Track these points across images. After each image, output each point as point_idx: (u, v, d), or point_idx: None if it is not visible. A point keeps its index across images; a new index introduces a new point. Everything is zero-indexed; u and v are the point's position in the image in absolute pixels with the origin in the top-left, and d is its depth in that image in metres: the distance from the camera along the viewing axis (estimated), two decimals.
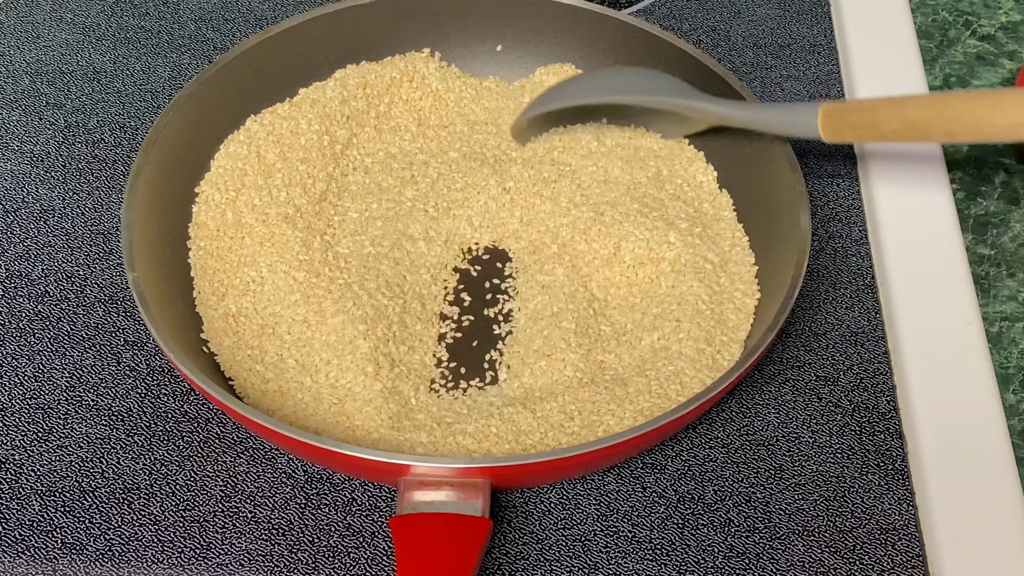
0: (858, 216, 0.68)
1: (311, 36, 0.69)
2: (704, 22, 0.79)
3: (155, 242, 0.59)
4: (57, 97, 0.72)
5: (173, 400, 0.59)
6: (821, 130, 0.61)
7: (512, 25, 0.72)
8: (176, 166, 0.63)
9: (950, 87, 0.77)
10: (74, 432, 0.57)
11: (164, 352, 0.53)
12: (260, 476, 0.56)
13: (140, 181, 0.59)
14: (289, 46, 0.68)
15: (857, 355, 0.62)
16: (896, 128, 0.60)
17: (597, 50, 0.72)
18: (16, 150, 0.69)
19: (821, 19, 0.80)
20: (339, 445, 0.49)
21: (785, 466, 0.57)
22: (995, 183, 0.72)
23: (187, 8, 0.79)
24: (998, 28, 0.81)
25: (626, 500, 0.56)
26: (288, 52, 0.68)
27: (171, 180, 0.62)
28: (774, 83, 0.76)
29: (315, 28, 0.69)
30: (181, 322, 0.58)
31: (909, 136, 0.60)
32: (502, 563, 0.54)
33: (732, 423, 0.59)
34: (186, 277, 0.61)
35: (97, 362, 0.60)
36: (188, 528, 0.54)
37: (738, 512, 0.56)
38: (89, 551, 0.53)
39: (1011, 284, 0.67)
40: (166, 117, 0.62)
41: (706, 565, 0.54)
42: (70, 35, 0.76)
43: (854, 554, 0.54)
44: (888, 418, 0.59)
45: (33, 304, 0.62)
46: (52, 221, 0.66)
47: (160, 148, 0.61)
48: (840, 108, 0.62)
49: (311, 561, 0.53)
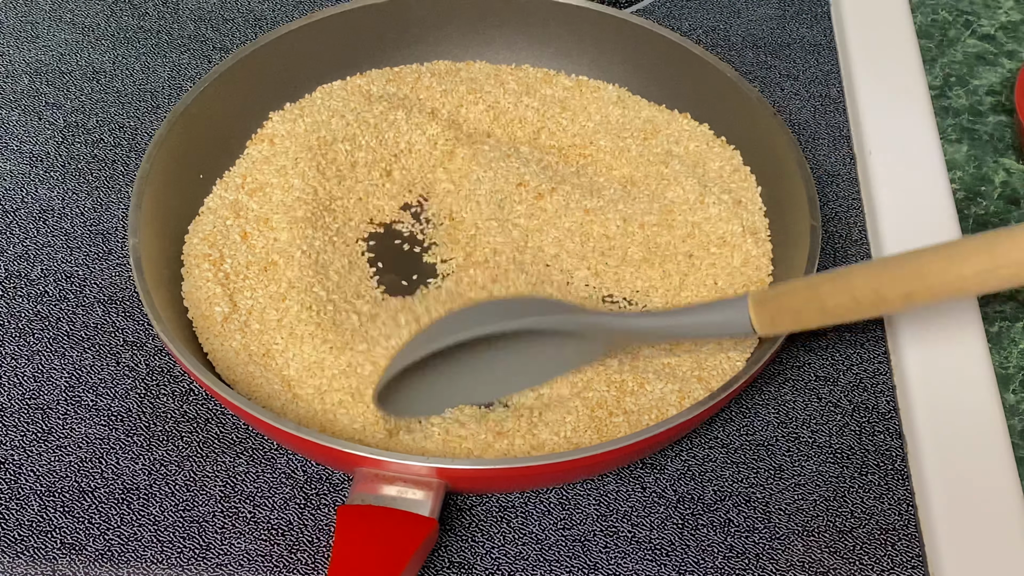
0: (858, 216, 0.68)
1: (315, 38, 0.69)
2: (704, 22, 0.79)
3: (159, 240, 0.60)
4: (57, 97, 0.72)
5: (173, 400, 0.58)
6: (755, 323, 0.53)
7: (514, 25, 0.72)
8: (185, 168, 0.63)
9: (950, 87, 0.77)
10: (73, 432, 0.57)
11: (160, 336, 0.53)
12: (260, 476, 0.56)
13: (147, 186, 0.60)
14: (294, 47, 0.68)
15: (857, 355, 0.62)
16: (846, 303, 0.51)
17: (599, 50, 0.72)
18: (16, 150, 0.69)
19: (821, 19, 0.80)
20: (299, 429, 0.50)
21: (785, 466, 0.57)
22: (995, 183, 0.72)
23: (187, 8, 0.79)
24: (998, 28, 0.81)
25: (626, 500, 0.56)
26: (292, 53, 0.68)
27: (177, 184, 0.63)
28: (774, 83, 0.76)
29: (314, 30, 0.69)
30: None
31: (862, 311, 0.52)
32: (502, 563, 0.54)
33: (732, 423, 0.59)
34: None
35: (97, 362, 0.60)
36: (188, 528, 0.54)
37: (738, 512, 0.56)
38: (88, 551, 0.53)
39: None
40: (166, 127, 0.62)
41: (706, 565, 0.54)
42: (70, 35, 0.76)
43: (854, 554, 0.54)
44: (888, 418, 0.59)
45: (33, 304, 0.62)
46: (52, 221, 0.66)
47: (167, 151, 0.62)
48: (773, 295, 0.54)
49: (311, 561, 0.53)
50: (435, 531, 0.50)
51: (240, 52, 0.67)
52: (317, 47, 0.69)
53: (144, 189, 0.59)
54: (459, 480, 0.52)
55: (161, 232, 0.60)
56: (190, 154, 0.63)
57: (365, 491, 0.50)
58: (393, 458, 0.50)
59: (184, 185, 0.63)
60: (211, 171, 0.65)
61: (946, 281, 0.49)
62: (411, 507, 0.50)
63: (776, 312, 0.53)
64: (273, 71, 0.68)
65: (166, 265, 0.60)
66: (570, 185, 0.66)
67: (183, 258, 0.61)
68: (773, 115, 0.65)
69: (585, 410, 0.56)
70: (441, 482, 0.51)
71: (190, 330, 0.59)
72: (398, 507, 0.50)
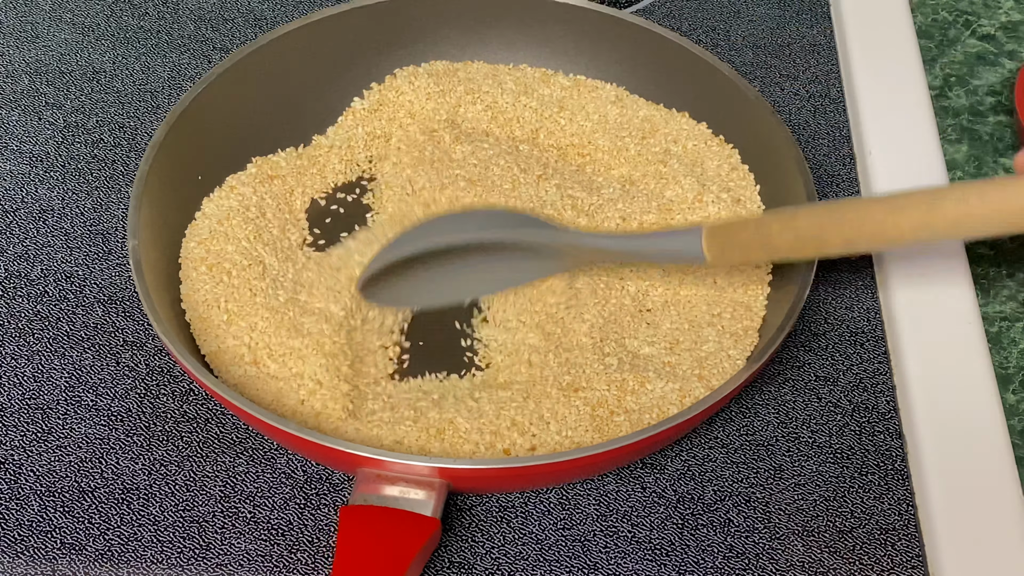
0: None
1: (315, 38, 0.69)
2: (704, 22, 0.79)
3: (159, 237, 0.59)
4: (57, 97, 0.72)
5: (172, 400, 0.58)
6: (706, 251, 0.56)
7: (512, 25, 0.72)
8: (183, 169, 0.63)
9: (950, 87, 0.77)
10: (73, 432, 0.57)
11: (158, 334, 0.53)
12: (260, 476, 0.56)
13: (146, 188, 0.60)
14: (294, 47, 0.68)
15: (857, 355, 0.62)
16: (789, 242, 0.54)
17: (598, 50, 0.72)
18: (16, 150, 0.69)
19: (821, 19, 0.80)
20: (301, 430, 0.50)
21: (785, 466, 0.57)
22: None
23: (187, 8, 0.79)
24: (998, 28, 0.81)
25: (626, 500, 0.56)
26: (292, 53, 0.68)
27: (178, 183, 0.63)
28: (774, 83, 0.76)
29: (314, 30, 0.69)
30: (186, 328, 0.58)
31: (805, 250, 0.55)
32: (502, 563, 0.54)
33: (732, 423, 0.59)
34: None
35: (96, 362, 0.60)
36: (188, 528, 0.54)
37: (738, 512, 0.56)
38: (88, 551, 0.53)
39: (1011, 284, 0.67)
40: (166, 127, 0.62)
41: (706, 565, 0.54)
42: (70, 35, 0.76)
43: (854, 554, 0.54)
44: (888, 418, 0.59)
45: (33, 304, 0.62)
46: (51, 221, 0.66)
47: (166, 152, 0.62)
48: (725, 227, 0.56)
49: (311, 561, 0.53)
50: (438, 531, 0.50)
51: (240, 52, 0.67)
52: (317, 47, 0.69)
53: (143, 190, 0.59)
54: (461, 480, 0.52)
55: (161, 233, 0.60)
56: (189, 155, 0.63)
57: (367, 491, 0.50)
58: (395, 458, 0.50)
59: (183, 186, 0.63)
60: (210, 172, 0.65)
61: (884, 230, 0.51)
62: (413, 507, 0.50)
63: (726, 243, 0.56)
64: (273, 71, 0.68)
65: (166, 266, 0.60)
66: (569, 184, 0.66)
67: (180, 261, 0.61)
68: (773, 115, 0.65)
69: (586, 409, 0.56)
70: (443, 482, 0.51)
71: (190, 330, 0.59)
72: (400, 507, 0.50)
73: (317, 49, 0.69)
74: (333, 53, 0.70)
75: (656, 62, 0.70)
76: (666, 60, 0.70)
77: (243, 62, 0.66)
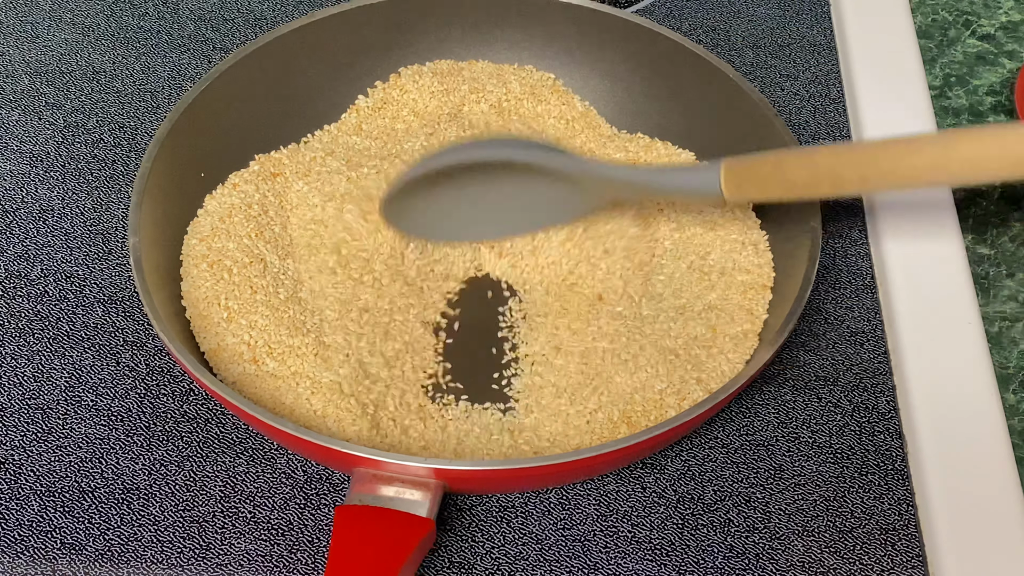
0: (858, 216, 0.68)
1: (315, 38, 0.69)
2: (704, 21, 0.79)
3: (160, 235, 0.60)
4: (57, 97, 0.72)
5: (172, 400, 0.59)
6: (724, 186, 0.56)
7: (516, 24, 0.72)
8: (186, 166, 0.63)
9: (950, 87, 0.77)
10: (73, 432, 0.57)
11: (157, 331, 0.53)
12: (260, 476, 0.56)
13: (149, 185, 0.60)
14: (294, 47, 0.69)
15: (857, 355, 0.62)
16: (806, 178, 0.55)
17: (601, 49, 0.72)
18: (16, 150, 0.69)
19: (821, 19, 0.80)
20: (297, 429, 0.50)
21: (785, 466, 0.57)
22: (995, 183, 0.72)
23: (187, 8, 0.79)
24: (998, 28, 0.81)
25: (626, 500, 0.56)
26: (292, 53, 0.68)
27: (180, 180, 0.63)
28: (774, 83, 0.76)
29: (314, 30, 0.69)
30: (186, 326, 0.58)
31: (820, 187, 0.55)
32: (502, 563, 0.54)
33: (732, 423, 0.59)
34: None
35: (96, 362, 0.60)
36: (188, 528, 0.54)
37: (738, 512, 0.56)
38: (88, 551, 0.53)
39: (1011, 284, 0.67)
40: (167, 127, 0.62)
41: (706, 565, 0.54)
42: (70, 35, 0.76)
43: (854, 554, 0.54)
44: (888, 418, 0.59)
45: (33, 304, 0.62)
46: (51, 221, 0.66)
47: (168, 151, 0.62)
48: (744, 162, 0.57)
49: (311, 561, 0.53)
50: (432, 532, 0.50)
51: (240, 52, 0.67)
52: (321, 46, 0.69)
53: (144, 189, 0.59)
54: (457, 481, 0.52)
55: (161, 232, 0.60)
56: (190, 154, 0.63)
57: (363, 491, 0.50)
58: (391, 458, 0.50)
59: (184, 185, 0.63)
60: (212, 170, 0.65)
61: (898, 168, 0.52)
62: (408, 508, 0.50)
63: (744, 179, 0.56)
64: (277, 69, 0.68)
65: (166, 265, 0.60)
66: None
67: (182, 258, 0.61)
68: (773, 115, 0.65)
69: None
70: (439, 483, 0.51)
71: (190, 330, 0.59)
72: (395, 507, 0.50)
73: (321, 47, 0.69)
74: (337, 51, 0.70)
75: (658, 62, 0.70)
76: (668, 60, 0.70)
77: (247, 59, 0.66)
